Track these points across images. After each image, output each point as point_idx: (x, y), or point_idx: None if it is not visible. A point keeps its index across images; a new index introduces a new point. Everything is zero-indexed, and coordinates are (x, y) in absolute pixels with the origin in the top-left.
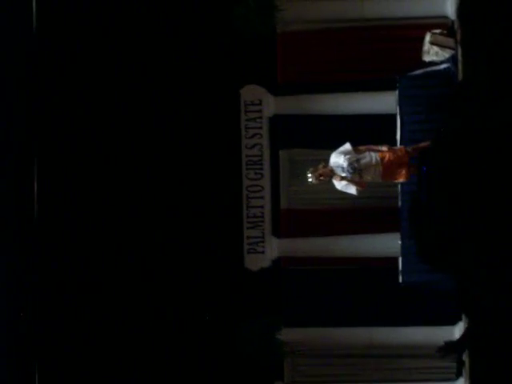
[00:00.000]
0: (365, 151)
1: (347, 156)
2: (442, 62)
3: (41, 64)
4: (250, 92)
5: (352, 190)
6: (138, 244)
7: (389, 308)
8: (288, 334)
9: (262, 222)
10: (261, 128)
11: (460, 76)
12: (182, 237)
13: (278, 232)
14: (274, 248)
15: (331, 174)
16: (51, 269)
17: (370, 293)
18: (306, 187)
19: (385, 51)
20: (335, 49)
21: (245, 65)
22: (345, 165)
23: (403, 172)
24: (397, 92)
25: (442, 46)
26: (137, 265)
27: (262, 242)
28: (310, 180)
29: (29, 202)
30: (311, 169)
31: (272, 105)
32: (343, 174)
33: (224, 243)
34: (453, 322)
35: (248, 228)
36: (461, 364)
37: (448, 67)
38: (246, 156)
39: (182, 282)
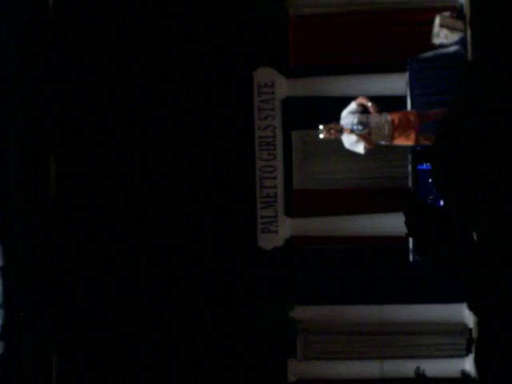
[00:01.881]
0: (374, 112)
1: (357, 114)
2: (451, 45)
3: (58, 55)
4: (263, 74)
5: (360, 148)
6: (152, 223)
7: (399, 286)
8: (300, 312)
9: (275, 201)
10: (273, 110)
11: (469, 58)
12: (197, 217)
13: (290, 212)
14: (286, 227)
15: (342, 129)
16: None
17: (380, 271)
18: (318, 168)
19: (395, 34)
20: (346, 32)
21: (258, 48)
22: (355, 121)
23: (412, 136)
24: (407, 74)
25: (451, 28)
26: (149, 243)
27: (275, 221)
28: (320, 135)
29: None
30: (322, 124)
31: (284, 87)
32: (353, 129)
33: (238, 223)
34: (462, 299)
35: (261, 208)
36: (470, 341)
37: (457, 49)
38: (259, 137)
39: (196, 261)
